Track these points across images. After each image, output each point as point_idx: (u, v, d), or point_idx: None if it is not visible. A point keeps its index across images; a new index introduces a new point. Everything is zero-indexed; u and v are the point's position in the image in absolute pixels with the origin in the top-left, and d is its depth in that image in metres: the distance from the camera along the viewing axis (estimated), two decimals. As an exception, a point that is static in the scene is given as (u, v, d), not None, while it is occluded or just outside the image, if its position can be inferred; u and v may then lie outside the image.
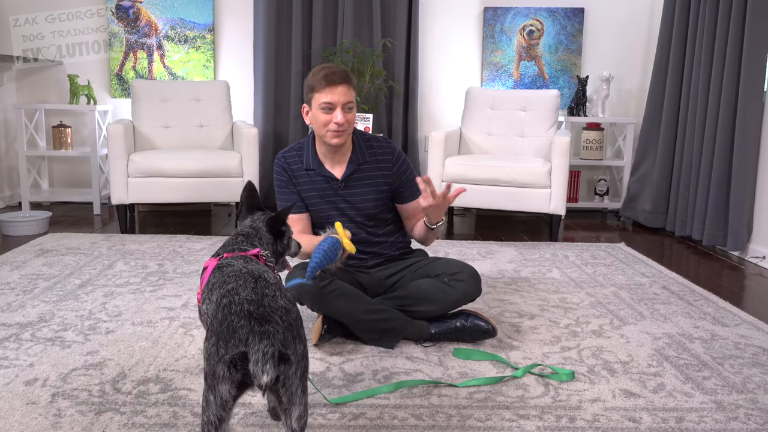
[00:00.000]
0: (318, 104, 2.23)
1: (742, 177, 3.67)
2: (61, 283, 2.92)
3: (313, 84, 2.23)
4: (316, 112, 2.25)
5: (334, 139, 2.26)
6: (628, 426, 1.76)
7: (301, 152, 2.40)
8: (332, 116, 2.22)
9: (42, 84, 4.94)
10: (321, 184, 2.36)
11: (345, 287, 2.22)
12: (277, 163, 2.45)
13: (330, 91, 2.20)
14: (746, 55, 3.62)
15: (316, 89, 2.23)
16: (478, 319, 2.28)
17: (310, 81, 2.26)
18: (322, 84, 2.21)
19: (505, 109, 4.52)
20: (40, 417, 1.73)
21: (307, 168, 2.37)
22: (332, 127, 2.23)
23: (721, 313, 2.70)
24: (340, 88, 2.21)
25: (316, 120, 2.26)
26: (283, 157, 2.43)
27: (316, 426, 1.71)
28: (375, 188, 2.37)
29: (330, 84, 2.20)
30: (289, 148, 2.46)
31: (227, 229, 4.24)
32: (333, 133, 2.24)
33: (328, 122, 2.23)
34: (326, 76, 2.21)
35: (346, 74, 2.24)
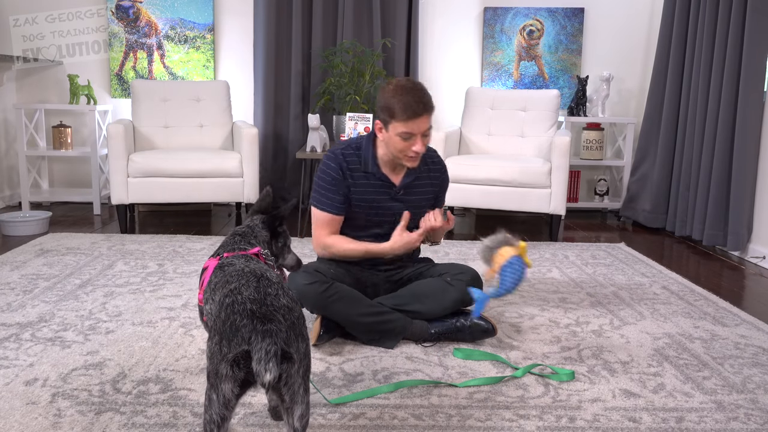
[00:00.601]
0: (396, 132, 2.16)
1: (742, 177, 3.67)
2: (61, 283, 2.92)
3: (394, 110, 2.14)
4: (393, 137, 2.18)
5: (409, 162, 2.24)
6: (628, 426, 1.76)
7: (359, 153, 2.33)
8: (410, 144, 2.17)
9: (42, 84, 4.94)
10: (379, 188, 2.33)
11: (344, 290, 2.22)
12: (331, 158, 2.32)
13: (412, 123, 2.14)
14: (746, 55, 3.62)
15: (397, 117, 2.14)
16: (478, 318, 2.28)
17: (389, 104, 2.15)
18: (403, 116, 2.13)
19: (505, 109, 4.52)
20: (40, 417, 1.73)
21: (366, 170, 2.31)
22: (410, 153, 2.20)
23: (721, 313, 2.70)
24: (421, 119, 2.15)
25: (393, 144, 2.20)
26: (342, 155, 2.32)
27: (317, 426, 1.71)
28: (425, 197, 2.41)
29: (413, 117, 2.13)
30: (347, 146, 2.35)
31: (227, 229, 4.24)
32: (409, 158, 2.22)
33: (406, 149, 2.19)
34: (409, 107, 2.12)
35: (428, 103, 2.16)
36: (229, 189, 4.06)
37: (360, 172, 2.32)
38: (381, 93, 2.21)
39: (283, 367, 1.27)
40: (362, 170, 2.32)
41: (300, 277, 2.22)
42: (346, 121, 4.11)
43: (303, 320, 1.39)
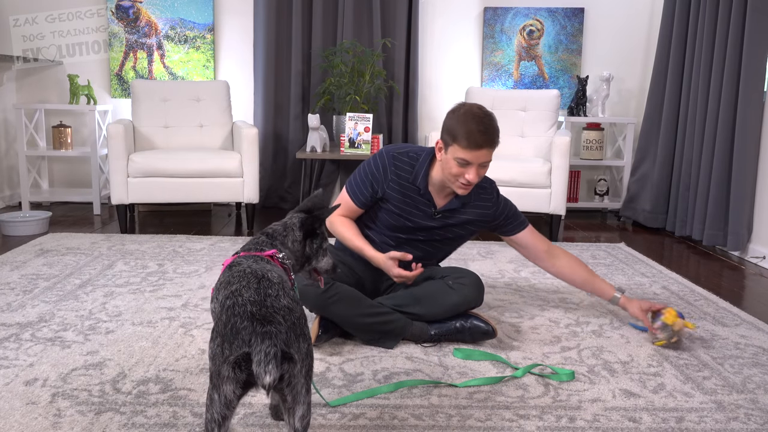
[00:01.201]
0: (454, 156, 2.13)
1: (742, 177, 3.67)
2: (61, 283, 2.92)
3: (457, 135, 2.10)
4: (450, 160, 2.15)
5: (459, 189, 2.21)
6: (628, 426, 1.76)
7: (414, 165, 2.28)
8: (465, 171, 2.14)
9: (42, 84, 4.94)
10: (418, 204, 2.31)
11: (344, 291, 2.22)
12: (383, 157, 2.29)
13: (472, 153, 2.10)
14: (746, 55, 3.62)
15: (458, 142, 2.10)
16: (477, 320, 2.28)
17: (454, 127, 2.11)
18: (464, 142, 2.09)
19: (505, 109, 4.52)
20: (40, 417, 1.73)
21: (414, 183, 2.29)
22: (462, 181, 2.17)
23: (721, 313, 2.70)
24: (482, 152, 2.11)
25: (448, 167, 2.17)
26: (395, 159, 2.29)
27: (317, 426, 1.71)
28: (464, 225, 2.39)
29: (474, 147, 2.09)
30: (404, 153, 2.30)
31: (227, 229, 4.24)
32: (461, 186, 2.19)
33: (460, 175, 2.15)
34: (477, 136, 2.08)
35: (493, 136, 2.11)
36: (229, 189, 4.06)
37: (406, 182, 2.29)
38: (451, 114, 2.17)
39: (284, 367, 1.28)
40: (409, 181, 2.29)
41: (299, 278, 2.22)
42: (346, 121, 4.11)
43: (304, 320, 1.39)
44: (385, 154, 2.30)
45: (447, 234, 2.39)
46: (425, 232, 2.37)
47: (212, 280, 3.01)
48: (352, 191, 2.34)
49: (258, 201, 4.19)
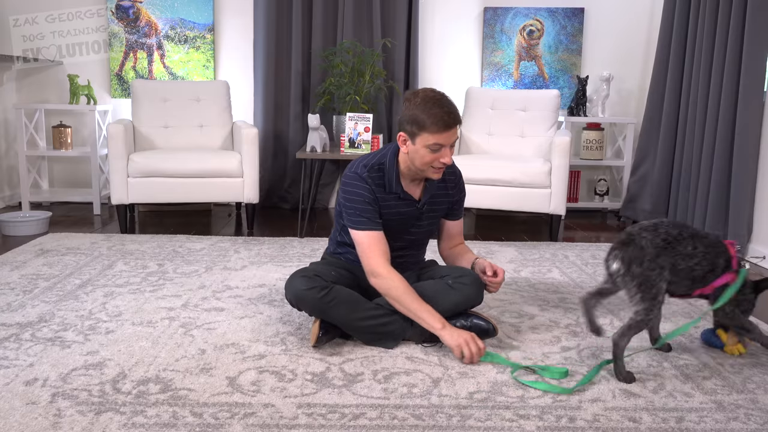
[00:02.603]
0: (426, 143, 2.14)
1: (742, 177, 3.67)
2: (61, 283, 2.92)
3: (425, 123, 2.12)
4: (420, 149, 2.16)
5: (435, 175, 2.23)
6: (628, 426, 1.76)
7: (382, 173, 2.28)
8: (439, 156, 2.17)
9: (42, 84, 4.94)
10: (404, 208, 2.32)
11: (343, 294, 2.22)
12: (358, 179, 2.26)
13: (443, 135, 2.13)
14: (746, 55, 3.62)
15: (428, 129, 2.12)
16: (478, 318, 2.28)
17: (418, 116, 2.13)
18: (437, 127, 2.11)
19: (505, 109, 4.52)
20: (40, 417, 1.73)
21: (390, 191, 2.29)
22: (437, 165, 2.19)
23: (721, 313, 2.69)
24: (452, 131, 2.15)
25: (419, 157, 2.18)
26: (369, 177, 2.27)
27: (317, 426, 1.72)
28: (442, 207, 2.42)
29: (444, 129, 2.12)
30: (371, 167, 2.28)
31: (227, 229, 4.24)
32: (436, 170, 2.22)
33: (433, 161, 2.18)
34: (443, 119, 2.11)
35: (457, 114, 2.17)
36: (229, 189, 4.06)
37: (386, 192, 2.29)
38: (407, 105, 2.18)
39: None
40: (387, 191, 2.29)
41: (298, 282, 2.22)
42: (346, 121, 4.11)
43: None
44: (359, 177, 2.26)
45: (429, 220, 2.41)
46: (414, 227, 2.39)
47: (212, 280, 3.01)
48: (368, 223, 2.23)
49: (258, 201, 4.19)
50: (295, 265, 3.25)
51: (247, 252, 3.53)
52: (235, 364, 2.09)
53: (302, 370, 2.05)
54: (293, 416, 1.76)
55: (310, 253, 3.55)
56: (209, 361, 2.11)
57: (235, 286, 2.94)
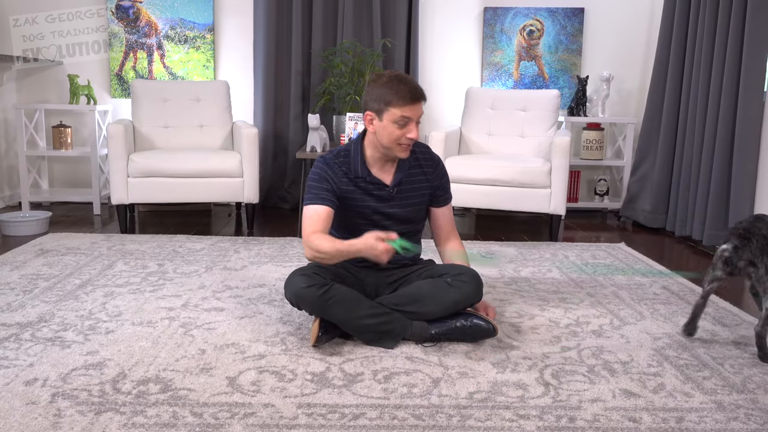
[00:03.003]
0: (394, 118, 2.20)
1: (742, 177, 3.67)
2: (61, 283, 2.92)
3: (392, 98, 2.19)
4: (388, 126, 2.21)
5: (403, 153, 2.27)
6: (628, 426, 1.76)
7: (347, 159, 2.34)
8: (406, 131, 2.21)
9: (42, 84, 4.94)
10: (372, 192, 2.34)
11: (343, 292, 2.22)
12: (323, 161, 2.34)
13: (410, 108, 2.18)
14: (746, 55, 3.62)
15: (395, 103, 2.18)
16: (478, 318, 2.28)
17: (384, 93, 2.19)
18: (405, 100, 2.17)
19: (505, 109, 4.52)
20: (40, 417, 1.73)
21: (356, 175, 2.32)
22: (405, 141, 2.23)
23: (721, 313, 2.70)
24: (418, 105, 2.20)
25: (388, 133, 2.22)
26: (326, 164, 2.33)
27: (317, 426, 1.72)
28: (419, 193, 2.42)
29: (414, 101, 2.18)
30: (334, 153, 2.36)
31: (227, 229, 4.24)
32: (404, 147, 2.26)
33: (401, 137, 2.22)
34: (411, 91, 2.18)
35: (422, 90, 2.24)
36: (229, 189, 4.06)
37: (352, 176, 2.33)
38: (372, 85, 2.25)
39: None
40: (352, 176, 2.33)
41: (298, 280, 2.22)
42: (346, 121, 4.11)
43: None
44: (323, 160, 2.34)
45: (408, 206, 2.40)
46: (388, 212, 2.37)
47: (212, 280, 3.01)
48: (312, 199, 2.28)
49: (258, 201, 4.19)
50: (294, 265, 3.25)
51: (247, 252, 3.53)
52: (235, 364, 2.09)
53: (302, 370, 2.05)
54: (293, 416, 1.76)
55: (310, 253, 3.55)
56: (209, 361, 2.11)
57: (235, 286, 2.94)
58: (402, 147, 2.27)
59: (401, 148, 2.27)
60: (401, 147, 2.27)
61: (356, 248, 2.15)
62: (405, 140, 2.24)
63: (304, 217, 2.30)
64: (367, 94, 2.26)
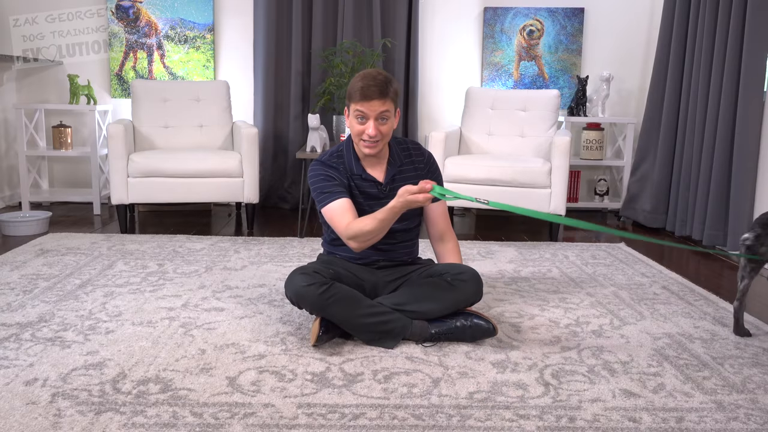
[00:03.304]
0: (352, 112, 2.27)
1: (742, 177, 3.67)
2: (61, 283, 2.92)
3: (350, 92, 2.27)
4: (352, 120, 2.30)
5: (365, 149, 2.30)
6: (628, 426, 1.76)
7: (341, 158, 2.39)
8: (365, 127, 2.26)
9: (42, 84, 4.94)
10: (367, 189, 2.37)
11: (343, 291, 2.22)
12: (320, 163, 2.39)
13: (364, 104, 2.23)
14: (746, 55, 3.62)
15: (352, 98, 2.26)
16: (478, 318, 2.28)
17: (350, 88, 2.28)
18: (357, 96, 2.24)
19: (505, 109, 4.52)
20: (40, 417, 1.73)
21: (351, 173, 2.36)
22: (364, 137, 2.27)
23: (721, 313, 2.70)
24: (374, 102, 2.23)
25: (352, 127, 2.31)
26: (325, 165, 2.38)
27: (317, 426, 1.72)
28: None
29: (364, 99, 2.23)
30: (328, 154, 2.42)
31: (227, 229, 4.24)
32: (365, 143, 2.29)
33: (362, 132, 2.27)
34: (362, 89, 2.23)
35: (383, 87, 2.23)
36: (229, 189, 4.06)
37: (347, 175, 2.36)
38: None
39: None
40: (347, 174, 2.36)
41: (298, 279, 2.22)
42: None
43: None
44: (318, 164, 2.39)
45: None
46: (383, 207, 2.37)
47: (212, 280, 3.01)
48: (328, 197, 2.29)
49: (258, 201, 4.19)
50: (294, 265, 3.25)
51: (247, 252, 3.53)
52: (235, 364, 2.09)
53: (302, 370, 2.05)
54: (293, 416, 1.76)
55: (310, 253, 3.55)
56: (209, 361, 2.11)
57: (235, 286, 2.94)
58: (364, 143, 2.30)
59: (363, 144, 2.30)
60: (363, 143, 2.30)
61: (396, 210, 2.16)
62: (365, 136, 2.27)
63: (330, 218, 2.30)
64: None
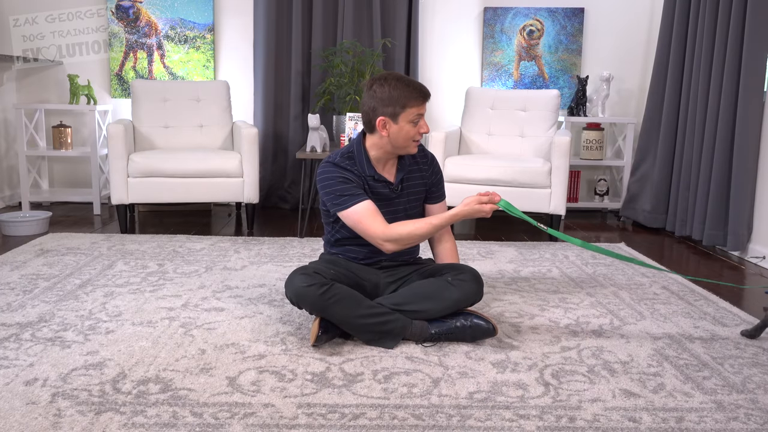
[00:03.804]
0: (410, 118, 2.26)
1: (742, 177, 3.67)
2: (61, 283, 2.92)
3: (406, 99, 2.24)
4: (404, 126, 2.27)
5: (414, 148, 2.35)
6: (628, 426, 1.76)
7: (352, 158, 2.36)
8: (419, 127, 2.28)
9: (42, 84, 4.94)
10: (380, 190, 2.37)
11: (343, 291, 2.22)
12: (332, 164, 2.33)
13: (424, 106, 2.27)
14: (746, 55, 3.62)
15: (411, 104, 2.25)
16: (478, 318, 2.28)
17: (397, 95, 2.23)
18: (419, 99, 2.26)
19: (505, 109, 4.52)
20: (40, 417, 1.73)
21: (365, 175, 2.35)
22: (417, 137, 2.31)
23: (721, 313, 2.70)
24: (427, 100, 2.30)
25: (403, 134, 2.28)
26: (338, 167, 2.33)
27: (317, 426, 1.72)
28: (417, 189, 2.47)
29: (425, 98, 2.27)
30: (339, 156, 2.36)
31: (227, 229, 4.24)
32: (416, 143, 2.33)
33: (415, 134, 2.29)
34: (421, 91, 2.26)
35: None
36: (229, 189, 4.06)
37: (360, 176, 2.34)
38: (377, 90, 2.26)
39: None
40: (360, 176, 2.34)
41: (298, 279, 2.22)
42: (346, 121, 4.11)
43: None
44: (331, 165, 2.34)
45: (409, 203, 2.45)
46: (393, 206, 2.41)
47: (212, 280, 3.01)
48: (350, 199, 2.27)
49: (258, 201, 4.19)
50: (295, 265, 3.25)
51: (247, 252, 3.53)
52: (235, 364, 2.09)
53: (302, 370, 2.05)
54: (293, 416, 1.76)
55: (310, 253, 3.55)
56: (209, 361, 2.11)
57: (235, 286, 2.94)
58: (415, 143, 2.33)
59: (414, 144, 2.33)
60: (415, 143, 2.33)
61: (459, 217, 2.23)
62: (418, 136, 2.31)
63: (357, 220, 2.26)
64: (374, 100, 2.27)
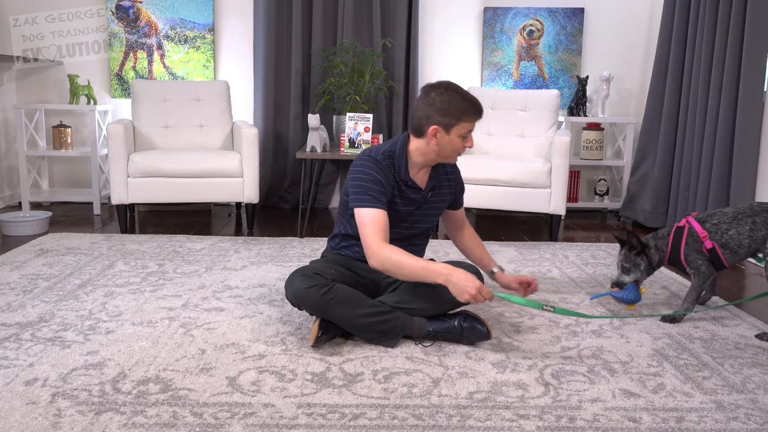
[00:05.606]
0: (462, 132, 2.26)
1: (742, 177, 3.67)
2: (61, 283, 2.92)
3: (463, 113, 2.24)
4: (454, 139, 2.27)
5: (455, 160, 2.39)
6: (628, 426, 1.76)
7: (391, 158, 2.33)
8: (466, 141, 2.31)
9: (42, 84, 4.94)
10: (412, 195, 2.38)
11: (344, 292, 2.22)
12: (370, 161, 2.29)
13: (476, 120, 2.29)
14: (746, 55, 3.62)
15: (467, 118, 2.25)
16: (476, 321, 2.28)
17: (456, 107, 2.23)
18: (475, 115, 2.27)
19: (505, 109, 4.52)
20: (40, 417, 1.73)
21: (399, 177, 2.33)
22: (462, 151, 2.34)
23: (720, 312, 2.70)
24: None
25: (452, 146, 2.29)
26: (376, 163, 2.28)
27: (317, 426, 1.72)
28: (444, 198, 2.50)
29: (480, 115, 2.28)
30: (381, 153, 2.32)
31: (227, 229, 4.24)
32: (459, 155, 2.38)
33: (461, 148, 2.32)
34: (478, 106, 2.27)
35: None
36: (229, 189, 4.06)
37: (394, 179, 2.33)
38: (440, 99, 2.23)
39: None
40: (396, 178, 2.33)
41: (299, 281, 2.22)
42: (346, 121, 4.11)
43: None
44: (372, 158, 2.30)
45: (434, 209, 2.48)
46: (420, 211, 2.44)
47: (212, 280, 3.01)
48: (373, 201, 2.23)
49: (258, 201, 4.19)
50: (295, 265, 3.25)
51: (247, 252, 3.53)
52: (235, 364, 2.09)
53: (302, 370, 2.05)
54: (293, 416, 1.76)
55: (310, 253, 3.55)
56: (209, 361, 2.11)
57: (235, 286, 2.94)
58: (458, 156, 2.37)
59: (457, 156, 2.37)
60: (458, 156, 2.37)
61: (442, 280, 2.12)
62: (463, 150, 2.33)
63: (364, 223, 2.22)
64: (431, 108, 2.24)
